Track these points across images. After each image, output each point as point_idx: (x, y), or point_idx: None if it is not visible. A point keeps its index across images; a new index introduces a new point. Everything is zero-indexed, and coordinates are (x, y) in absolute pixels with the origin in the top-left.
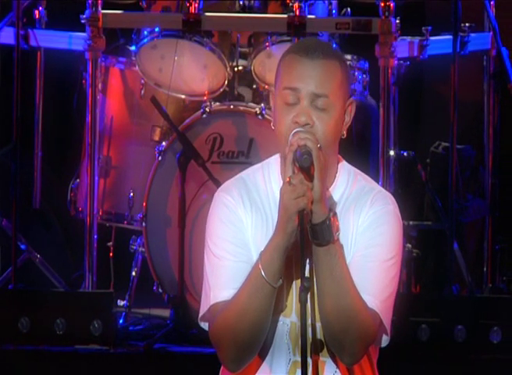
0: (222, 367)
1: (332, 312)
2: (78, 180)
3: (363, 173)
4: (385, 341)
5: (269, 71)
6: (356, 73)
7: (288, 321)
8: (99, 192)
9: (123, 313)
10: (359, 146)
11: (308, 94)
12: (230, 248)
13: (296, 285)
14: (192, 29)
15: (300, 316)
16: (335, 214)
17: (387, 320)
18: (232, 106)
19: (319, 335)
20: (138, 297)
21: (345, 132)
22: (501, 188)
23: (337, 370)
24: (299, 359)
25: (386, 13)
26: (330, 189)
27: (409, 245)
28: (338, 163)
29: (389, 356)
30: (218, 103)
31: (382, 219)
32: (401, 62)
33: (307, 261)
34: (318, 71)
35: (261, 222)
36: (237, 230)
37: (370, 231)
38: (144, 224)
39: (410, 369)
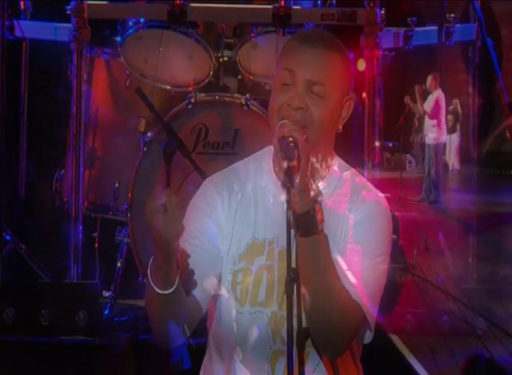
0: (205, 357)
1: (316, 304)
2: (63, 171)
3: (355, 170)
4: (368, 337)
5: (254, 62)
6: None
7: (268, 311)
8: (84, 183)
9: (109, 304)
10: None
11: (304, 80)
12: (192, 233)
13: (278, 276)
14: (177, 20)
15: (286, 306)
16: (320, 205)
17: (371, 316)
18: (217, 97)
19: (304, 325)
20: (123, 288)
21: (341, 127)
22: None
23: (320, 362)
24: (280, 348)
25: (371, 4)
26: (323, 182)
27: (394, 236)
28: (333, 158)
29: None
30: (203, 94)
31: (372, 216)
32: (386, 52)
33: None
34: (316, 59)
35: (249, 211)
36: (206, 218)
37: (359, 227)
38: (129, 215)
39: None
